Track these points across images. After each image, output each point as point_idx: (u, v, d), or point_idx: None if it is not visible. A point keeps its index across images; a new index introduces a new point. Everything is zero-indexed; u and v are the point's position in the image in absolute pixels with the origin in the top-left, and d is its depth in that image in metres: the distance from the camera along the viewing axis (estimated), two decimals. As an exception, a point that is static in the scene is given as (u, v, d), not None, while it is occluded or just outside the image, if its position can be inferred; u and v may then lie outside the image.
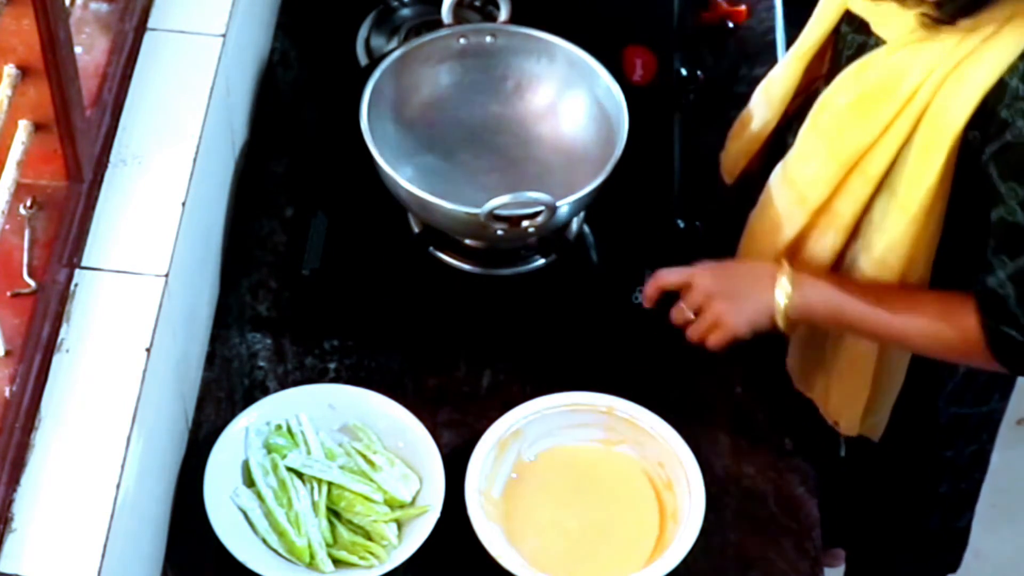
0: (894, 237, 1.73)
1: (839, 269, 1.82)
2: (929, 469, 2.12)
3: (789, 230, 1.82)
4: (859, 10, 1.75)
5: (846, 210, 1.77)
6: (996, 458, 2.22)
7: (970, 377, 1.97)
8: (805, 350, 1.93)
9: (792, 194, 1.81)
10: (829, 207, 1.78)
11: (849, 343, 1.87)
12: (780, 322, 1.77)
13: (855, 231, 1.78)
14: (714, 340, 1.80)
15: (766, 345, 1.96)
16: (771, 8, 2.35)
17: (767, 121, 1.91)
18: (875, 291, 1.76)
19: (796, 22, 1.97)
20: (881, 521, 2.24)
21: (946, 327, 1.73)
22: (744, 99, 2.01)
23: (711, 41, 2.28)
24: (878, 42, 1.72)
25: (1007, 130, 1.61)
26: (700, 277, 1.81)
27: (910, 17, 1.66)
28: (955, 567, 2.36)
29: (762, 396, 1.94)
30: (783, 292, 1.76)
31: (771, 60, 2.27)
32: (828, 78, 1.80)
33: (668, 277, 1.83)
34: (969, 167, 1.67)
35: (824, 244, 1.80)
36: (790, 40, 2.03)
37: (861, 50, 1.75)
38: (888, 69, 1.69)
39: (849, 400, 1.92)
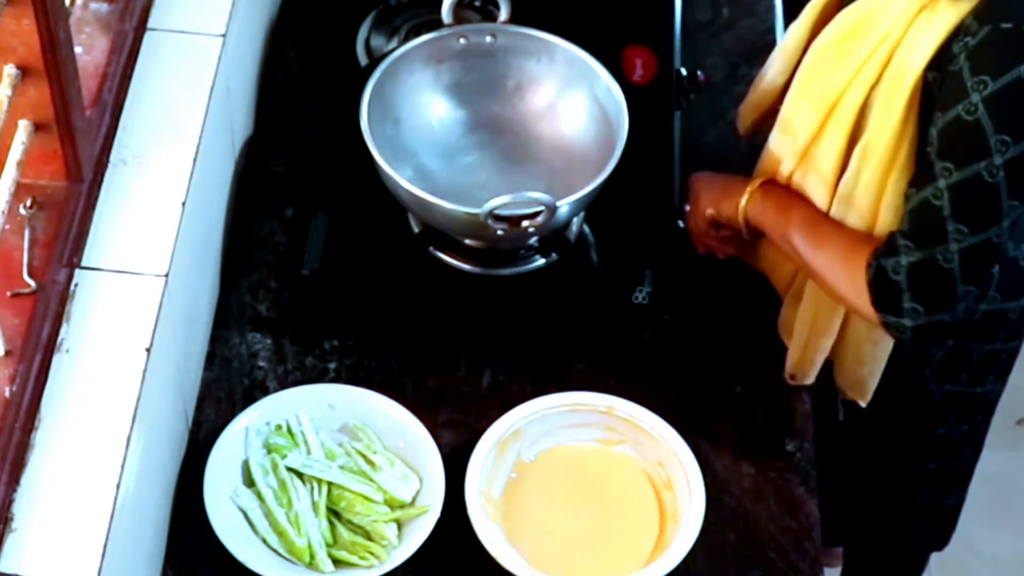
0: (864, 182, 1.72)
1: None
2: (920, 445, 2.12)
3: (784, 171, 1.84)
4: None
5: (827, 155, 1.77)
6: (996, 458, 2.23)
7: (961, 353, 1.97)
8: (793, 294, 1.94)
9: (784, 137, 1.83)
10: (815, 152, 1.79)
11: (811, 299, 1.89)
12: (740, 222, 1.85)
13: (836, 179, 1.78)
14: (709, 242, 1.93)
15: (766, 346, 1.97)
16: (771, 8, 2.35)
17: (779, 72, 1.90)
18: (809, 211, 1.79)
19: (796, 22, 1.98)
20: (874, 496, 2.24)
21: (840, 255, 1.73)
22: (744, 99, 2.02)
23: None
24: None
25: (951, 62, 1.60)
26: (697, 192, 1.92)
27: None
28: (941, 546, 2.36)
29: (762, 396, 1.94)
30: (745, 198, 1.84)
31: (771, 60, 2.28)
32: None
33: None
34: (930, 111, 1.65)
35: (815, 192, 1.80)
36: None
37: None
38: (869, 9, 1.70)
39: (808, 350, 1.92)
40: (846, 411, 2.10)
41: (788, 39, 1.89)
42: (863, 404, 2.00)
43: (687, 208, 1.95)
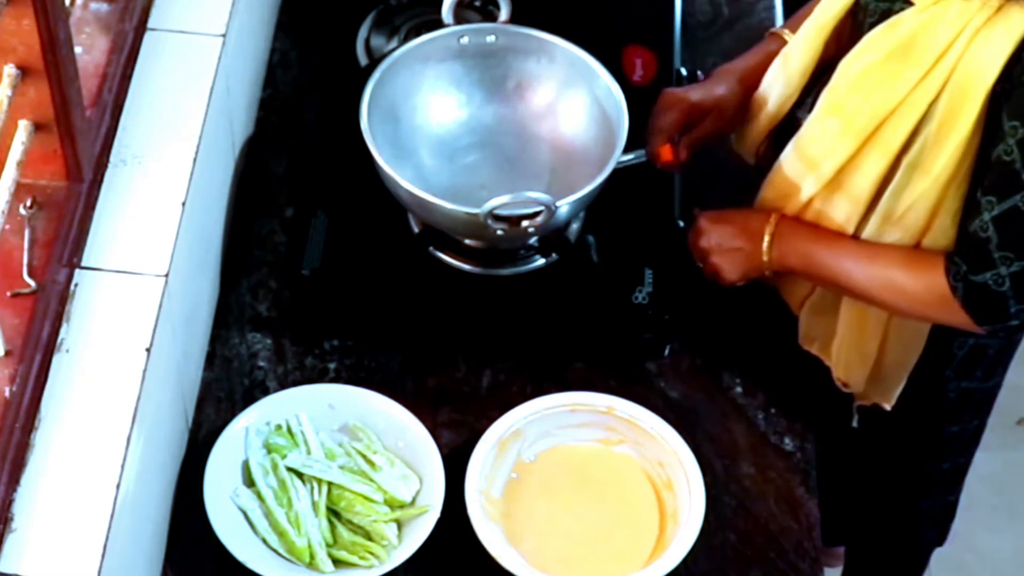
0: (917, 197, 1.72)
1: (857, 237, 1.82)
2: (934, 445, 2.12)
3: (801, 198, 1.82)
4: None
5: (865, 176, 1.75)
6: (996, 458, 2.23)
7: (979, 350, 1.97)
8: (813, 305, 1.93)
9: (806, 161, 1.80)
10: (846, 173, 1.77)
11: (845, 312, 1.89)
12: (767, 273, 1.85)
13: (873, 200, 1.77)
14: (721, 282, 1.88)
15: (766, 345, 1.97)
16: (771, 8, 2.35)
17: (785, 97, 1.88)
18: (844, 247, 1.78)
19: (796, 22, 1.97)
20: (880, 499, 2.24)
21: (910, 279, 1.74)
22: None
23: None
24: (904, 7, 1.70)
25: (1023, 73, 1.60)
26: (703, 231, 1.88)
27: None
28: (942, 542, 2.36)
29: (762, 396, 1.94)
30: (764, 247, 1.83)
31: (771, 60, 2.27)
32: (847, 51, 1.78)
33: (691, 235, 1.91)
34: (997, 123, 1.65)
35: (839, 212, 1.80)
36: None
37: (885, 16, 1.72)
38: (917, 26, 1.67)
39: (855, 358, 1.93)
40: (860, 417, 2.09)
41: (790, 62, 1.86)
42: (888, 408, 1.99)
43: (695, 239, 1.91)
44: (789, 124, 1.89)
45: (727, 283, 1.88)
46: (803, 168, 1.80)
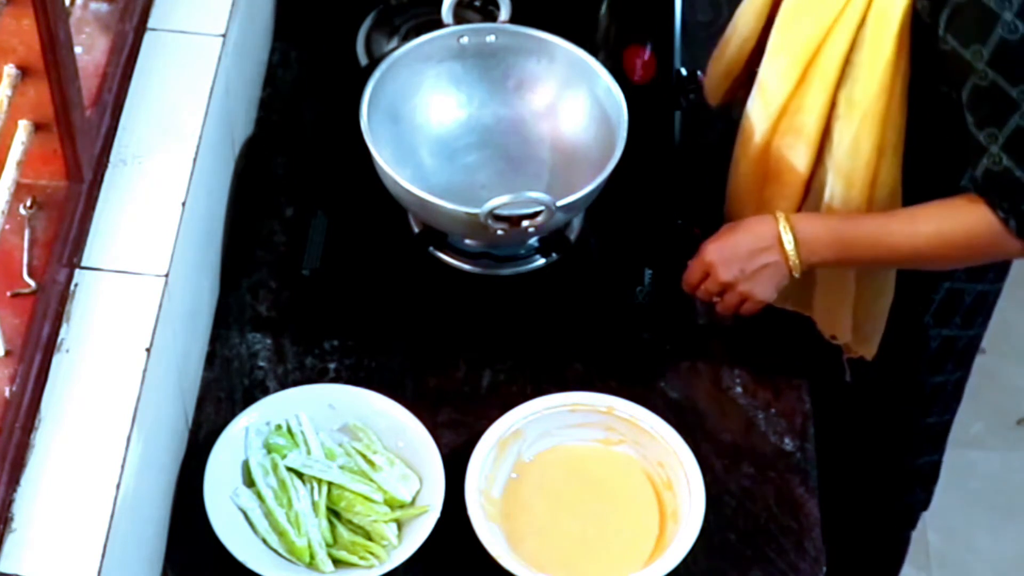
0: (856, 134, 1.73)
1: (814, 187, 1.83)
2: (919, 397, 2.13)
3: (759, 137, 1.84)
4: None
5: (811, 111, 1.77)
6: (996, 458, 2.23)
7: (955, 295, 1.98)
8: (802, 279, 1.94)
9: (762, 99, 1.82)
10: (795, 109, 1.78)
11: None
12: (796, 275, 1.81)
13: (823, 149, 1.78)
14: (746, 311, 1.85)
15: (766, 345, 1.97)
16: (771, 8, 2.35)
17: (747, 35, 1.90)
18: (874, 219, 1.78)
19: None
20: (870, 460, 2.24)
21: (956, 229, 1.73)
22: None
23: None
24: None
25: None
26: (714, 266, 1.83)
27: None
28: (927, 505, 2.36)
29: (762, 396, 1.94)
30: (791, 251, 1.78)
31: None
32: None
33: (692, 278, 1.86)
34: (924, 48, 1.66)
35: (796, 155, 1.81)
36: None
37: None
38: None
39: (835, 305, 1.94)
40: (852, 371, 2.10)
41: (747, 4, 1.89)
42: (869, 358, 2.00)
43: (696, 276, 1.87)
44: (751, 82, 1.91)
45: (760, 306, 1.84)
46: (761, 108, 1.83)
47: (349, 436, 1.85)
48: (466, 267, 1.96)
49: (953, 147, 1.74)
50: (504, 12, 2.02)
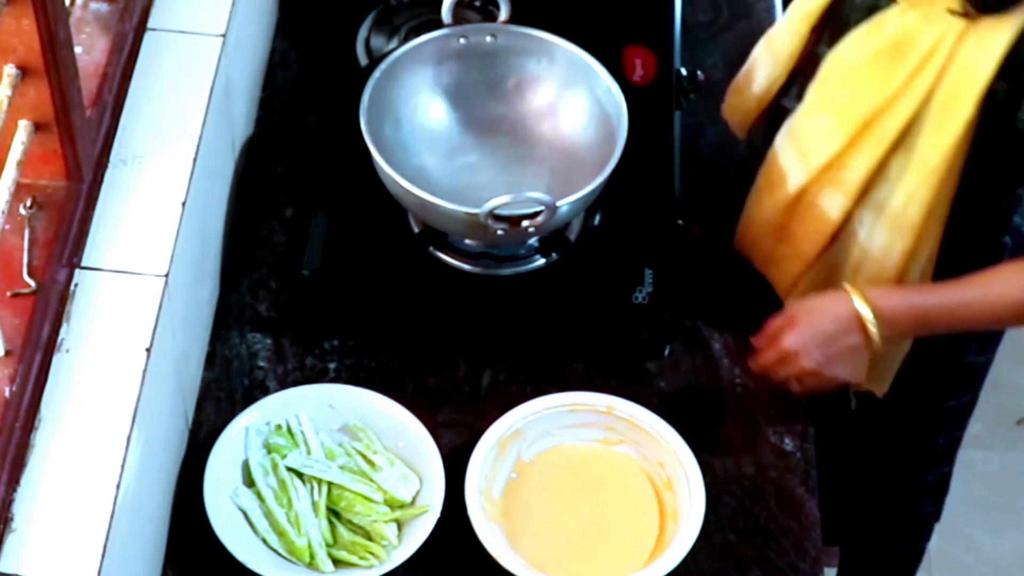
0: (911, 193, 1.73)
1: (847, 228, 1.83)
2: (932, 421, 2.12)
3: (792, 185, 1.84)
4: None
5: (856, 170, 1.77)
6: (996, 458, 2.23)
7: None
8: (801, 296, 1.93)
9: (798, 149, 1.82)
10: (838, 167, 1.79)
11: None
12: (876, 351, 1.78)
13: (864, 190, 1.78)
14: (827, 390, 1.82)
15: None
16: (771, 8, 2.35)
17: (774, 78, 1.91)
18: (949, 288, 1.77)
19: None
20: (879, 478, 2.24)
21: None
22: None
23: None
24: (889, 4, 1.73)
25: None
26: (796, 355, 1.78)
27: None
28: (939, 515, 2.36)
29: (762, 396, 1.94)
30: (873, 330, 1.75)
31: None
32: (831, 40, 1.81)
33: (767, 363, 1.82)
34: (995, 120, 1.67)
35: (833, 203, 1.81)
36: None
37: (871, 12, 1.75)
38: (904, 25, 1.70)
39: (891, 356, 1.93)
40: (857, 399, 2.09)
41: (777, 45, 1.89)
42: (880, 395, 2.00)
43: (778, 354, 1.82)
44: (777, 108, 1.91)
45: (843, 383, 1.82)
46: (795, 159, 1.82)
47: (349, 436, 1.85)
48: (466, 267, 1.96)
49: (993, 199, 1.77)
50: (504, 12, 2.02)
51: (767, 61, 1.92)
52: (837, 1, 1.82)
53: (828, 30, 1.84)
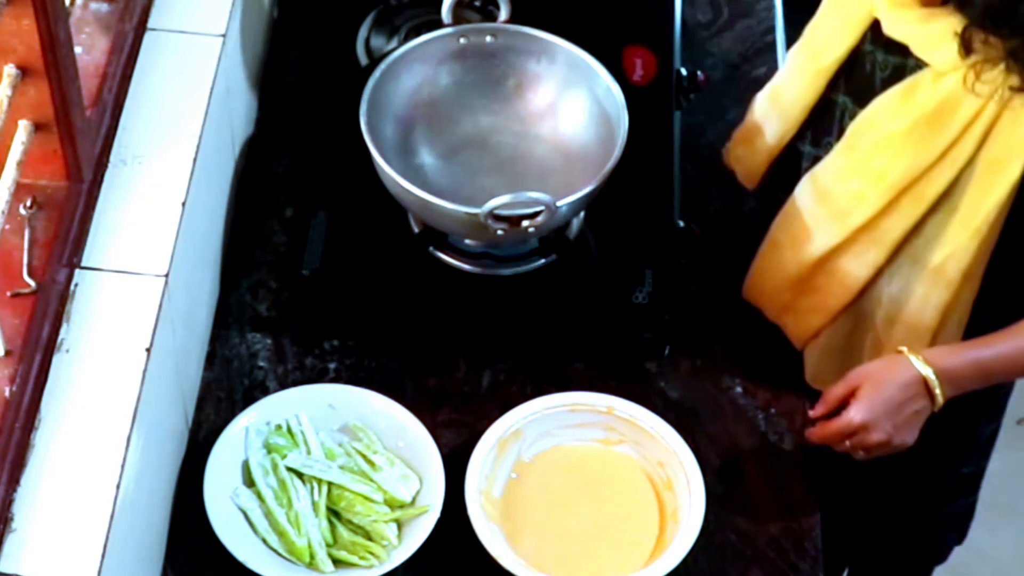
0: (954, 251, 1.73)
1: (877, 282, 1.81)
2: (954, 449, 2.09)
3: (822, 244, 1.82)
4: (898, 35, 1.71)
5: (892, 231, 1.76)
6: (996, 458, 2.22)
7: None
8: (824, 347, 1.92)
9: (828, 210, 1.80)
10: (873, 227, 1.77)
11: (872, 352, 1.87)
12: (936, 411, 1.75)
13: (898, 247, 1.78)
14: (891, 454, 1.78)
15: (766, 346, 1.97)
16: (771, 8, 2.35)
17: (783, 133, 1.89)
18: (1006, 339, 1.74)
19: (796, 22, 1.97)
20: (900, 509, 2.21)
21: None
22: (744, 99, 2.02)
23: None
24: (919, 64, 1.70)
25: None
26: (866, 429, 1.73)
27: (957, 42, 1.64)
28: (963, 539, 2.34)
29: (762, 396, 1.94)
30: (937, 392, 1.72)
31: (771, 60, 2.27)
32: (850, 90, 1.79)
33: (832, 438, 1.76)
34: None
35: (864, 260, 1.80)
36: (790, 40, 2.02)
37: (898, 72, 1.73)
38: (941, 95, 1.67)
39: None
40: None
41: (787, 99, 1.87)
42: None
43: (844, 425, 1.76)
44: (789, 153, 1.90)
45: (907, 448, 1.78)
46: (827, 219, 1.80)
47: (349, 436, 1.85)
48: (466, 267, 1.96)
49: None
50: (504, 12, 2.01)
51: (776, 115, 1.90)
52: (855, 53, 1.79)
53: (845, 79, 1.81)
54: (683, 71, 2.15)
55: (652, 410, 1.85)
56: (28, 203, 1.60)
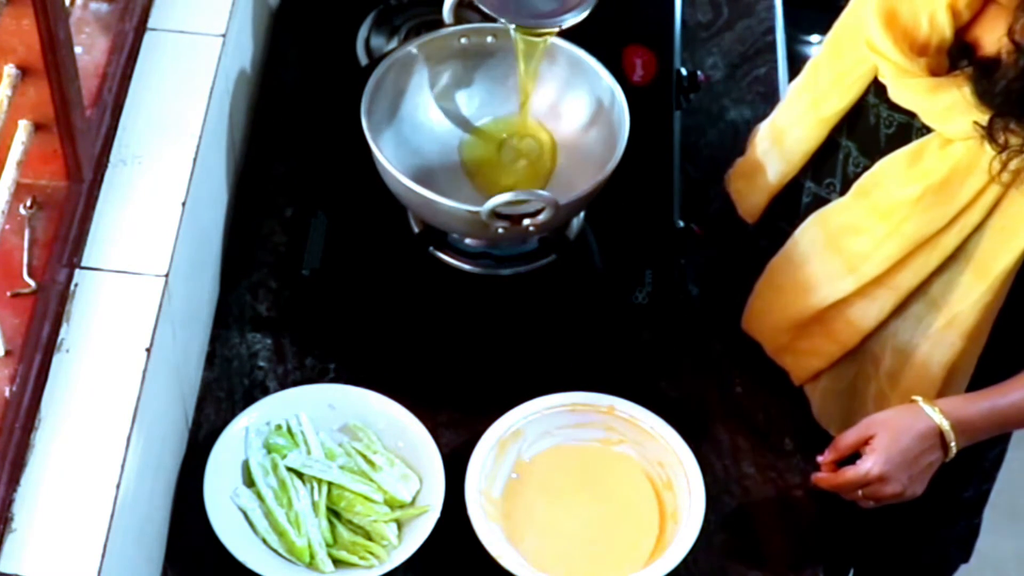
0: (969, 301, 1.73)
1: (881, 331, 1.82)
2: (955, 473, 2.09)
3: (831, 292, 1.82)
4: (906, 103, 1.71)
5: (905, 282, 1.76)
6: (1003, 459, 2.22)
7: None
8: (829, 389, 1.92)
9: (840, 262, 1.80)
10: (887, 278, 1.77)
11: (877, 398, 1.86)
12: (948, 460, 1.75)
13: (909, 295, 1.78)
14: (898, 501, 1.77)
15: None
16: (771, 8, 2.35)
17: (784, 173, 1.90)
18: (1017, 386, 1.73)
19: (796, 22, 1.97)
20: (902, 531, 2.20)
21: None
22: (744, 99, 2.02)
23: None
24: (925, 126, 1.70)
25: None
26: (884, 481, 1.72)
27: (971, 116, 1.63)
28: (968, 557, 2.34)
29: (762, 396, 1.94)
30: (953, 445, 1.71)
31: (771, 60, 2.28)
32: (853, 134, 1.79)
33: (848, 490, 1.74)
34: None
35: (873, 309, 1.80)
36: (790, 40, 2.03)
37: (904, 131, 1.73)
38: (950, 164, 1.67)
39: None
40: None
41: (790, 140, 1.87)
42: None
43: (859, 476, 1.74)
44: (790, 186, 1.90)
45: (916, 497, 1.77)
46: (841, 269, 1.80)
47: (349, 436, 1.85)
48: (466, 267, 1.96)
49: None
50: (504, 12, 2.01)
51: (777, 155, 1.90)
52: (859, 104, 1.78)
53: (848, 126, 1.81)
54: (683, 71, 2.15)
55: (652, 410, 1.85)
56: (28, 203, 1.60)
